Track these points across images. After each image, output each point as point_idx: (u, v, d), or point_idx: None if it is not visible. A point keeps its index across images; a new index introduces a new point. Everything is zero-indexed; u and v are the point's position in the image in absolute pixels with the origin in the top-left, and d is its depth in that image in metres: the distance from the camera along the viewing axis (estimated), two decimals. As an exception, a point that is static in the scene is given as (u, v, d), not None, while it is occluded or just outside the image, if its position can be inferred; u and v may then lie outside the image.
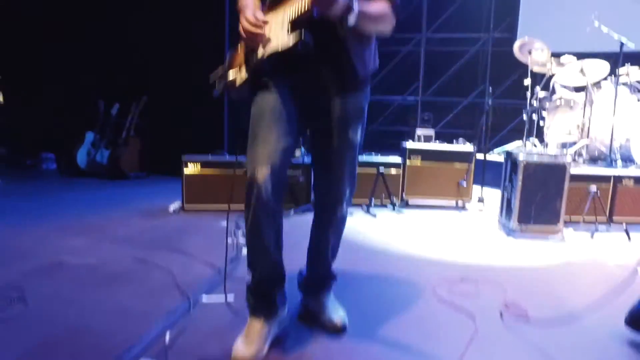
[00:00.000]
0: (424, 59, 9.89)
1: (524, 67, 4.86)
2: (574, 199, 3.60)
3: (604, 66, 4.72)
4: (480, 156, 4.50)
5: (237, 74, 1.56)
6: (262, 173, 1.41)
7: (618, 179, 3.81)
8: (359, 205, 3.96)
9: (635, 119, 4.74)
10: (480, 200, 4.13)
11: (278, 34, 1.41)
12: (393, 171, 4.07)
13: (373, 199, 3.97)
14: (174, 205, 3.81)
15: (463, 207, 4.19)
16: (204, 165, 3.78)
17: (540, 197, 3.32)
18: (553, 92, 5.02)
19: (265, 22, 1.43)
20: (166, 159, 4.82)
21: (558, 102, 4.88)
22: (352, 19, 1.34)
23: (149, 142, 5.75)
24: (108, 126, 5.67)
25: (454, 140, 4.37)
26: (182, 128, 5.29)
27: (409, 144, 4.16)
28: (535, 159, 3.33)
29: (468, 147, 4.14)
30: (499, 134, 8.53)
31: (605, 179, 3.78)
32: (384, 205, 4.03)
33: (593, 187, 3.60)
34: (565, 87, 5.05)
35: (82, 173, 5.49)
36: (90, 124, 5.73)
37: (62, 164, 5.81)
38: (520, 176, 3.29)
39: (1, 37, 6.04)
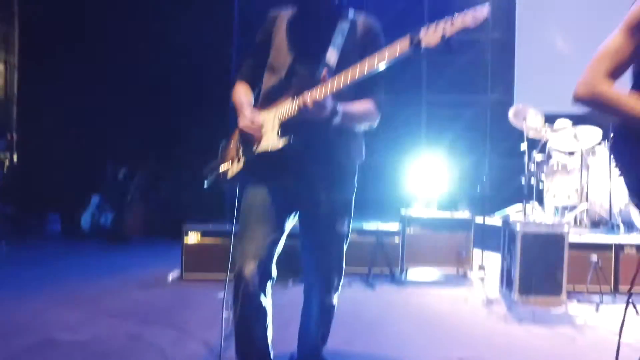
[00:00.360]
0: (425, 120, 10.17)
1: (524, 126, 4.96)
2: (576, 268, 3.53)
3: (597, 132, 4.83)
4: (480, 219, 4.50)
5: (229, 167, 1.65)
6: (250, 268, 1.46)
7: (619, 247, 3.77)
8: (357, 274, 3.93)
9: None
10: (482, 267, 4.09)
11: (268, 134, 1.51)
12: (392, 239, 4.07)
13: (372, 269, 3.94)
14: (172, 274, 3.80)
15: (464, 276, 4.13)
16: (204, 234, 3.80)
17: (541, 268, 3.28)
18: (550, 156, 5.11)
19: (261, 126, 1.53)
20: (169, 223, 4.89)
21: (555, 167, 4.96)
22: (337, 120, 1.45)
23: (153, 205, 5.85)
24: (114, 189, 5.81)
25: (457, 206, 4.39)
26: (186, 192, 5.40)
27: (408, 212, 4.19)
28: (532, 229, 3.34)
29: (467, 214, 4.15)
30: (501, 194, 8.58)
31: (606, 247, 3.74)
32: (383, 275, 3.99)
33: (594, 257, 3.55)
34: (561, 151, 5.15)
35: (85, 235, 5.55)
36: (97, 185, 5.89)
37: (66, 226, 5.90)
38: (518, 247, 3.28)
39: (21, 99, 6.39)
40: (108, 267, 4.38)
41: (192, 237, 3.79)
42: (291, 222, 1.67)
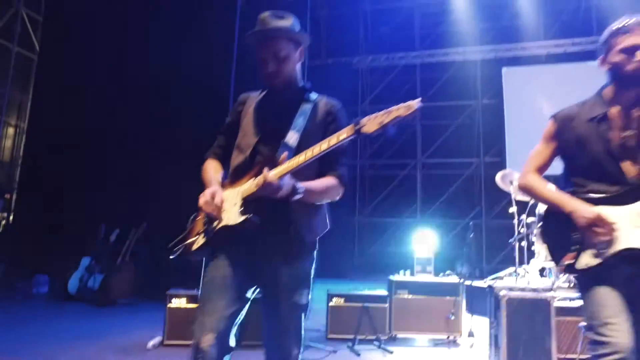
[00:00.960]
0: (421, 183, 10.31)
1: (517, 188, 5.04)
2: (566, 334, 3.40)
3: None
4: (473, 283, 4.42)
5: (194, 239, 1.71)
6: (207, 341, 1.49)
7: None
8: (343, 341, 3.81)
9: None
10: (471, 334, 3.96)
11: (230, 210, 1.59)
12: (379, 305, 3.98)
13: (358, 336, 3.82)
14: (153, 341, 3.70)
15: (454, 342, 3.99)
16: (189, 300, 3.75)
17: (528, 334, 3.17)
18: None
19: (221, 203, 1.59)
20: (157, 285, 4.82)
21: (544, 229, 4.96)
22: (297, 197, 1.52)
23: (143, 267, 5.81)
24: (105, 251, 5.81)
25: (452, 269, 4.34)
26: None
27: (395, 277, 4.14)
28: (517, 294, 3.28)
29: (455, 278, 4.10)
30: (495, 257, 8.48)
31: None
32: (369, 341, 3.86)
33: (583, 323, 3.45)
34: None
35: (72, 298, 5.47)
36: (88, 247, 5.89)
37: (54, 288, 5.83)
38: (503, 312, 3.20)
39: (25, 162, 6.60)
40: (88, 331, 4.27)
41: (176, 303, 3.74)
42: (252, 293, 1.69)
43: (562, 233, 1.74)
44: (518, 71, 10.11)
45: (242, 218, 1.53)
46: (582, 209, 1.66)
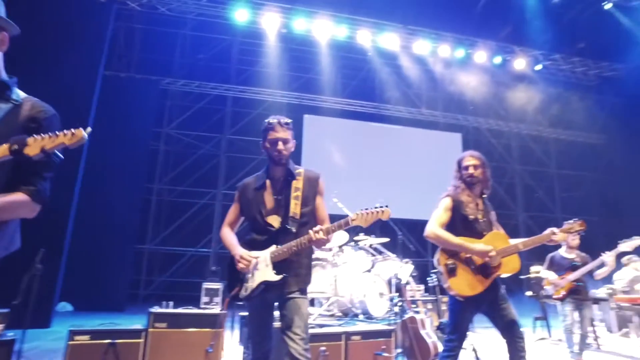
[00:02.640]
0: (220, 213, 10.32)
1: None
2: None
3: (344, 235, 5.67)
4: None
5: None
6: None
7: (348, 335, 4.25)
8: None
9: (370, 278, 5.63)
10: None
11: None
12: (132, 341, 3.70)
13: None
14: None
15: (215, 375, 3.98)
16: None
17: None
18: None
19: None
20: None
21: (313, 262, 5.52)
22: None
23: None
24: None
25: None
26: None
27: (156, 309, 3.95)
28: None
29: (217, 310, 4.15)
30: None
31: (336, 336, 4.17)
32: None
33: (322, 348, 3.90)
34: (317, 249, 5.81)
35: None
36: None
37: None
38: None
39: None
40: None
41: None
42: None
43: (235, 272, 2.40)
44: (317, 119, 11.36)
45: None
46: (239, 252, 2.37)
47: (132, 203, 8.38)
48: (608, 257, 4.46)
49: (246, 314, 4.12)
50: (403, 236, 6.08)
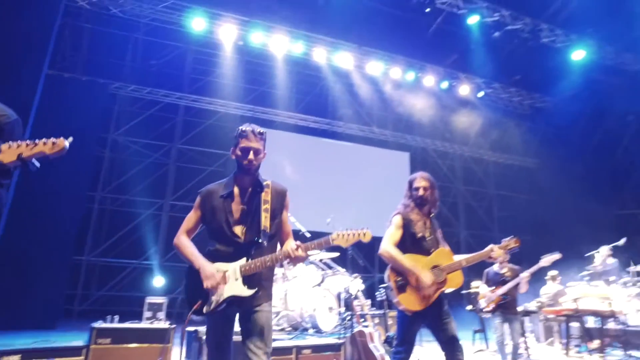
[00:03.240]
0: (167, 225, 10.00)
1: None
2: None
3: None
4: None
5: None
6: None
7: (299, 349, 4.27)
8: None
9: (320, 293, 5.70)
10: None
11: None
12: (71, 359, 3.49)
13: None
14: None
15: (156, 393, 3.84)
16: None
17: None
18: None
19: None
20: None
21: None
22: None
23: None
24: None
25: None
26: None
27: (99, 324, 3.77)
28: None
29: (164, 324, 4.03)
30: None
31: (287, 350, 4.18)
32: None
33: None
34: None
35: None
36: None
37: None
38: (205, 358, 3.31)
39: None
40: None
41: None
42: None
43: (196, 285, 2.25)
44: (270, 133, 11.30)
45: None
46: (205, 266, 2.25)
47: (71, 211, 7.87)
48: (525, 273, 4.88)
49: (194, 329, 4.04)
50: (352, 251, 6.22)
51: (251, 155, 2.36)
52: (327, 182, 11.31)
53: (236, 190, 2.42)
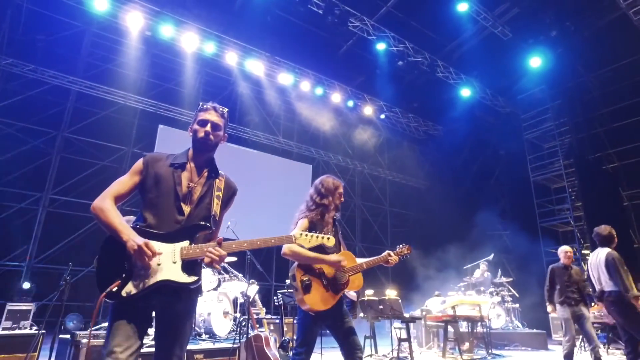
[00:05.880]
0: (43, 221, 8.86)
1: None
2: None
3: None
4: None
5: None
6: None
7: (191, 354, 4.07)
8: None
9: (215, 297, 5.50)
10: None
11: None
12: None
13: None
14: None
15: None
16: None
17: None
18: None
19: None
20: None
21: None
22: None
23: None
24: None
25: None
26: None
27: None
28: (99, 342, 3.14)
29: (33, 331, 3.55)
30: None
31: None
32: None
33: None
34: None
35: None
36: None
37: None
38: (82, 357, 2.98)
39: None
40: None
41: None
42: None
43: (114, 262, 1.88)
44: (172, 131, 10.82)
45: None
46: (134, 237, 1.86)
47: None
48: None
49: (67, 336, 3.59)
50: (251, 256, 6.13)
51: (208, 127, 2.13)
52: (230, 187, 11.04)
53: (190, 165, 2.15)
